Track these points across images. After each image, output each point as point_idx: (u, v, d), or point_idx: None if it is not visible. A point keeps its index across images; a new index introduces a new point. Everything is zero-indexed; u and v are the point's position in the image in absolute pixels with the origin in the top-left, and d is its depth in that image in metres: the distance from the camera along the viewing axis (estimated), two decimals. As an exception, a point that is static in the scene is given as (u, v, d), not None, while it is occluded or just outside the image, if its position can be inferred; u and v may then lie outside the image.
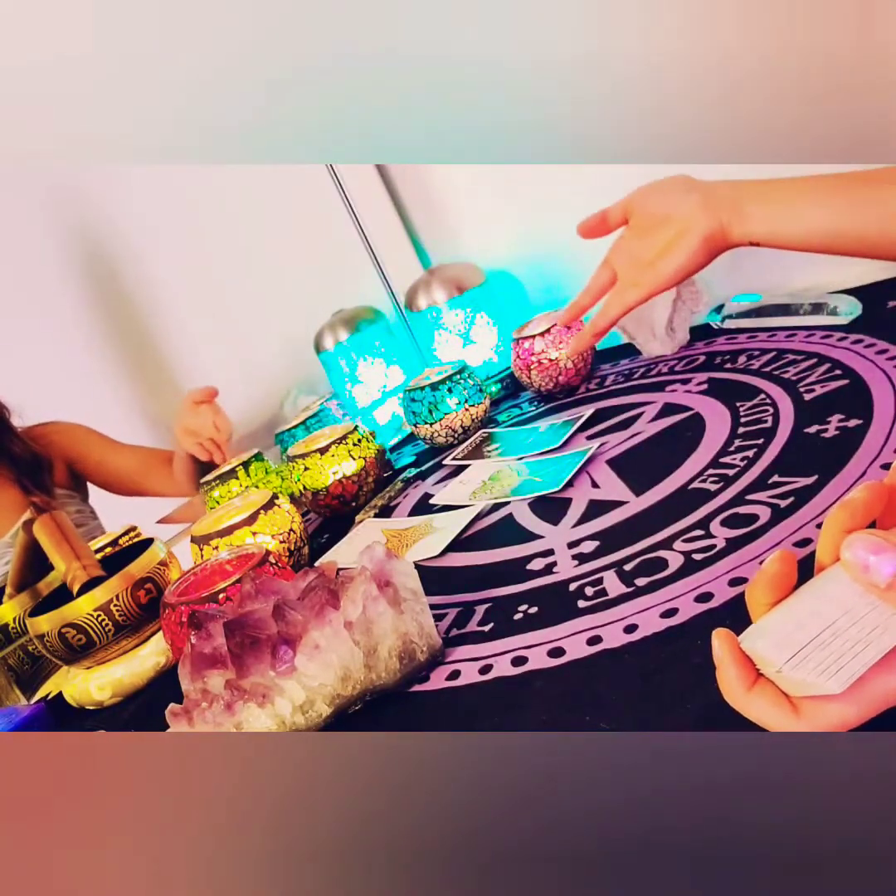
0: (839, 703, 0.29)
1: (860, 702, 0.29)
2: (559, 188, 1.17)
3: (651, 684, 0.45)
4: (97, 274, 1.69)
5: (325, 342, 1.29)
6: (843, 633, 0.29)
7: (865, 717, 0.29)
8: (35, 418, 1.37)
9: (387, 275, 1.34)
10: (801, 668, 0.29)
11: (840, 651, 0.28)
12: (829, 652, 0.29)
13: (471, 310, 1.22)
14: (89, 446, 1.35)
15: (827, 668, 0.28)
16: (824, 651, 0.29)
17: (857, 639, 0.28)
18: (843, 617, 0.29)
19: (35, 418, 1.37)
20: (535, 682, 0.51)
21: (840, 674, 0.28)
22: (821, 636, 0.29)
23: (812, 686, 0.29)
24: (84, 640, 0.75)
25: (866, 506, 0.30)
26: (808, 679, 0.29)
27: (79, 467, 1.34)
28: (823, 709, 0.30)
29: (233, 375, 1.67)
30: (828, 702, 0.29)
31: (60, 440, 1.32)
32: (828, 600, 0.30)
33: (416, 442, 1.19)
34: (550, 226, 1.23)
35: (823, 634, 0.29)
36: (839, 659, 0.28)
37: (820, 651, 0.29)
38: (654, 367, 1.00)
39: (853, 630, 0.29)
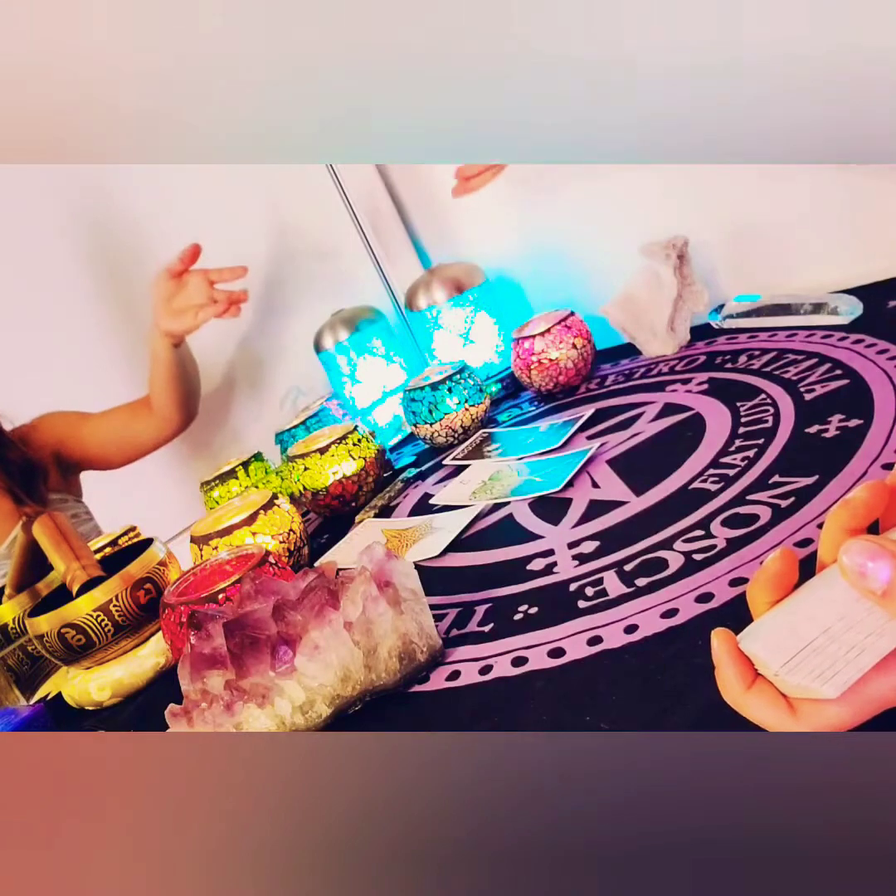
0: (836, 705, 0.29)
1: (857, 703, 0.29)
2: (560, 188, 1.17)
3: (651, 684, 0.45)
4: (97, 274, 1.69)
5: (325, 342, 1.29)
6: (838, 637, 0.29)
7: (862, 718, 0.30)
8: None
9: (387, 275, 1.33)
10: (797, 672, 0.29)
11: (835, 656, 0.29)
12: (825, 657, 0.29)
13: (471, 310, 1.22)
14: (70, 426, 1.28)
15: (822, 673, 0.29)
16: (820, 656, 0.29)
17: (853, 644, 0.28)
18: (840, 622, 0.29)
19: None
20: (536, 683, 0.51)
21: (836, 679, 0.28)
22: (816, 641, 0.29)
23: (808, 690, 0.29)
24: (83, 640, 0.75)
25: (867, 505, 0.30)
26: (804, 683, 0.29)
27: (68, 453, 1.29)
28: (821, 710, 0.30)
29: (233, 375, 1.67)
30: (825, 703, 0.30)
31: (43, 433, 1.26)
32: (824, 604, 0.30)
33: (416, 442, 1.19)
34: (550, 226, 1.23)
35: (819, 639, 0.29)
36: (834, 664, 0.28)
37: (816, 656, 0.29)
38: (654, 367, 1.00)
39: (849, 635, 0.29)
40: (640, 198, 1.10)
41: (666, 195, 1.07)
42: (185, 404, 1.23)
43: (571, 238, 1.21)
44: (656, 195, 1.08)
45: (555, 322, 1.04)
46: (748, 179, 1.00)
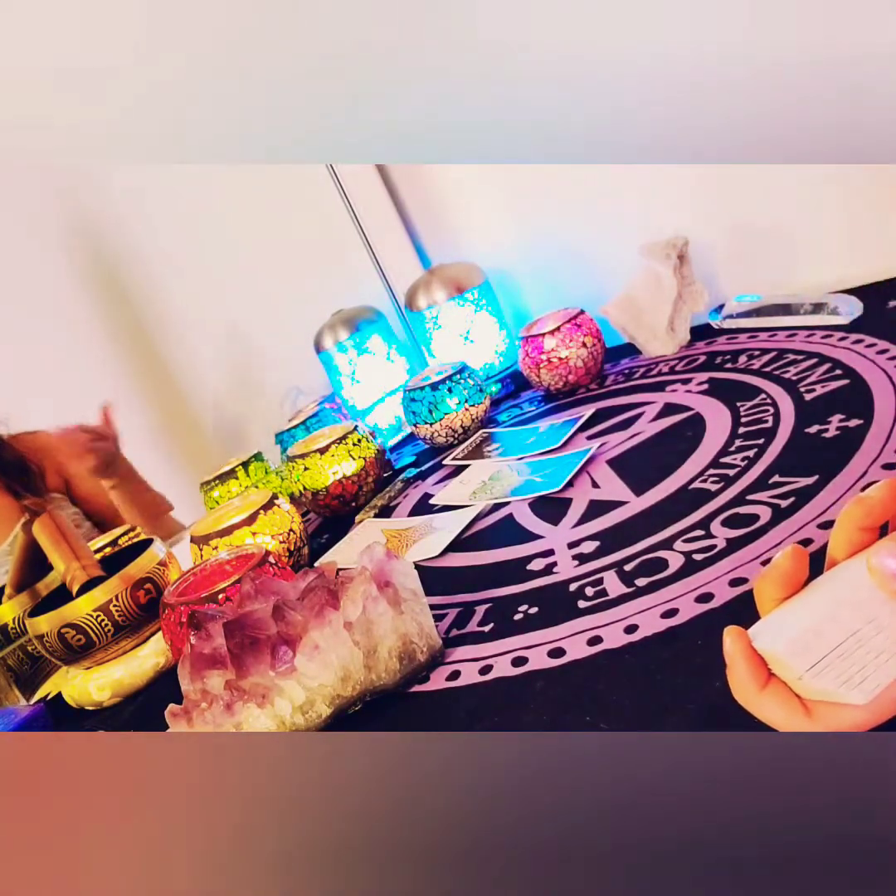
0: (853, 707, 0.29)
1: (873, 707, 0.29)
2: (559, 188, 1.17)
3: (651, 684, 0.45)
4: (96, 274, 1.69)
5: (325, 342, 1.29)
6: (867, 642, 0.28)
7: (878, 721, 0.29)
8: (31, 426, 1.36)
9: (387, 275, 1.33)
10: (823, 676, 0.29)
11: (864, 661, 0.28)
12: (853, 662, 0.28)
13: (471, 310, 1.22)
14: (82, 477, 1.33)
15: (850, 679, 0.28)
16: (848, 661, 0.28)
17: (882, 649, 0.28)
18: (868, 625, 0.28)
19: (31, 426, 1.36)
20: (536, 683, 0.51)
21: (864, 684, 0.28)
22: (844, 645, 0.28)
23: (835, 695, 0.28)
24: (83, 640, 0.75)
25: (884, 504, 0.30)
26: (831, 688, 0.28)
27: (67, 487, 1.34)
28: (837, 712, 0.29)
29: (233, 375, 1.67)
30: (842, 706, 0.29)
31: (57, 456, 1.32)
32: (848, 606, 0.29)
33: (416, 442, 1.19)
34: (550, 226, 1.23)
35: (847, 643, 0.28)
36: (863, 669, 0.28)
37: (843, 660, 0.28)
38: (654, 367, 1.00)
39: (878, 639, 0.28)
40: (640, 198, 1.10)
41: (666, 195, 1.07)
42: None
43: (571, 238, 1.21)
44: (656, 195, 1.08)
45: (564, 320, 1.04)
46: (748, 179, 1.00)
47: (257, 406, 1.63)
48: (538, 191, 1.20)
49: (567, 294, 1.21)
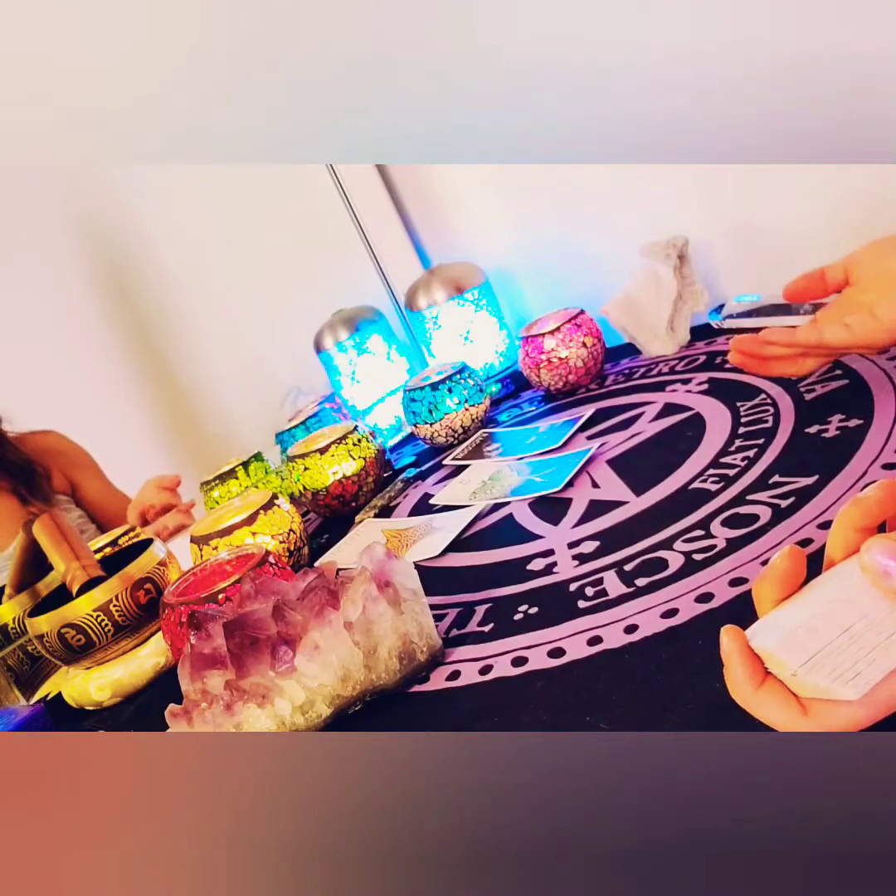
0: (850, 705, 0.29)
1: (870, 704, 0.29)
2: (560, 188, 1.17)
3: (651, 684, 0.45)
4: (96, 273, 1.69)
5: (325, 342, 1.29)
6: (860, 638, 0.28)
7: (874, 719, 0.29)
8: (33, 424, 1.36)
9: (387, 275, 1.33)
10: (816, 672, 0.29)
11: (856, 657, 0.28)
12: (846, 657, 0.28)
13: (471, 310, 1.22)
14: (90, 479, 1.34)
15: (843, 674, 0.28)
16: (840, 656, 0.28)
17: (874, 644, 0.28)
18: (861, 621, 0.29)
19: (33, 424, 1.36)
20: (536, 683, 0.51)
21: (857, 680, 0.28)
22: (837, 641, 0.29)
23: (827, 691, 0.28)
24: (83, 640, 0.75)
25: (880, 504, 0.30)
26: (823, 684, 0.28)
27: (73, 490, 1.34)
28: (833, 710, 0.29)
29: (233, 375, 1.67)
30: (838, 704, 0.29)
31: (64, 459, 1.32)
32: (842, 603, 0.29)
33: (416, 442, 1.19)
34: (550, 226, 1.23)
35: (840, 639, 0.29)
36: (855, 665, 0.28)
37: (836, 656, 0.28)
38: (654, 367, 1.00)
39: (870, 635, 0.28)
40: (640, 198, 1.10)
41: (666, 195, 1.07)
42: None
43: (571, 238, 1.21)
44: (656, 195, 1.08)
45: (564, 320, 1.04)
46: (748, 179, 1.00)
47: (257, 406, 1.63)
48: (538, 191, 1.20)
49: (567, 294, 1.21)
